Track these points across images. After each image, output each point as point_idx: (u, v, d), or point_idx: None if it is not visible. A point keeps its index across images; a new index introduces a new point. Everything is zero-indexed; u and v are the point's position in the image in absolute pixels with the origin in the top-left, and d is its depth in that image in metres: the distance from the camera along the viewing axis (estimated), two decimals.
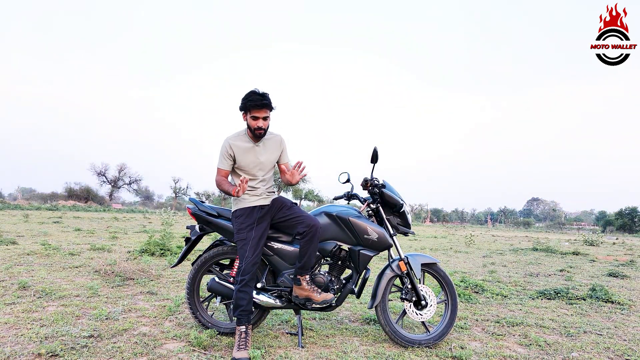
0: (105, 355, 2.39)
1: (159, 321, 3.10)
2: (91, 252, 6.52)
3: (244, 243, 2.65)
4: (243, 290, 2.62)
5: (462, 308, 4.00)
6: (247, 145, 2.74)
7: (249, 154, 2.75)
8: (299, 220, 2.71)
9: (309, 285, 2.76)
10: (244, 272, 2.63)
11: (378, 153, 2.91)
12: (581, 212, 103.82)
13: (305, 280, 2.76)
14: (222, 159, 2.73)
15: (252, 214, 2.72)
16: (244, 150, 2.73)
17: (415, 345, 2.83)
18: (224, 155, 2.72)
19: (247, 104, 2.63)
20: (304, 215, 2.74)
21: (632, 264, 8.38)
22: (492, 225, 73.54)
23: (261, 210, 2.75)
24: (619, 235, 41.40)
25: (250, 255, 2.63)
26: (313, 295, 2.74)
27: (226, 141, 2.74)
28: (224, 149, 2.72)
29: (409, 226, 3.06)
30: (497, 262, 8.15)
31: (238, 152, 2.72)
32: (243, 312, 2.62)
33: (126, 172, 54.41)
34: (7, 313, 3.07)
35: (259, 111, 2.63)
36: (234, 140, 2.74)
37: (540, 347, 2.95)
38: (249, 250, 2.63)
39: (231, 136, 2.77)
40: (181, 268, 5.40)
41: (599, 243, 15.95)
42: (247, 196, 2.76)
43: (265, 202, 2.79)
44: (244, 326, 2.61)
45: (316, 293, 2.74)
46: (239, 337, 2.58)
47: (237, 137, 2.76)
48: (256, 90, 2.65)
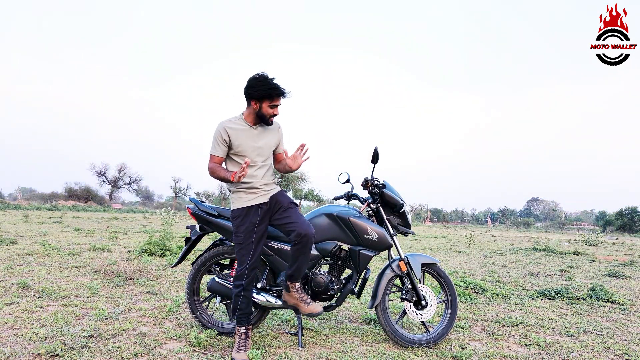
0: (105, 355, 2.39)
1: (159, 321, 3.10)
2: (91, 252, 6.52)
3: (242, 246, 2.58)
4: (241, 295, 2.58)
5: (462, 308, 4.00)
6: (243, 129, 2.59)
7: (247, 137, 2.59)
8: (292, 227, 2.56)
9: (299, 293, 2.67)
10: (243, 276, 2.56)
11: (378, 153, 2.91)
12: (581, 212, 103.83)
13: (295, 288, 2.67)
14: (216, 145, 2.57)
15: (250, 214, 2.60)
16: (241, 134, 2.58)
17: (415, 345, 2.83)
18: (218, 140, 2.56)
19: (269, 91, 2.49)
20: (299, 222, 2.57)
21: (632, 264, 8.38)
22: (492, 225, 73.55)
23: (259, 210, 2.62)
24: (619, 235, 41.39)
25: (248, 260, 2.55)
26: (301, 305, 2.65)
27: (220, 125, 2.57)
28: (218, 133, 2.56)
29: (409, 226, 3.06)
30: (497, 262, 8.15)
31: (234, 135, 2.56)
32: (242, 315, 2.60)
33: (126, 172, 54.49)
34: (7, 313, 3.07)
35: (278, 99, 2.55)
36: (229, 123, 2.58)
37: (540, 347, 2.95)
38: (248, 254, 2.56)
39: (225, 120, 2.61)
40: (181, 268, 5.39)
41: (599, 243, 15.95)
42: (244, 194, 2.63)
43: (264, 199, 2.65)
44: (244, 327, 2.59)
45: (304, 303, 2.64)
46: (239, 338, 2.56)
47: (231, 121, 2.61)
48: (266, 75, 2.51)
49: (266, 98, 2.52)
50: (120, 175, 54.14)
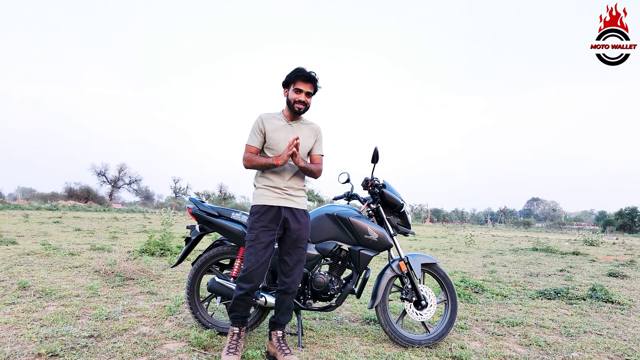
0: (105, 355, 2.39)
1: (159, 321, 3.10)
2: (91, 252, 6.52)
3: (252, 244, 2.44)
4: (242, 299, 2.48)
5: (462, 308, 4.00)
6: (280, 123, 2.57)
7: (282, 132, 2.55)
8: (286, 271, 2.52)
9: (279, 342, 2.53)
10: (246, 279, 2.43)
11: (379, 153, 2.91)
12: (581, 212, 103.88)
13: (277, 337, 2.56)
14: (253, 135, 2.55)
15: (269, 213, 2.48)
16: (277, 127, 2.55)
17: (415, 345, 2.83)
18: (255, 130, 2.54)
19: (292, 75, 2.50)
20: (295, 273, 2.53)
21: (632, 264, 8.38)
22: (492, 225, 73.54)
23: (279, 213, 2.49)
24: (619, 235, 41.41)
25: (254, 261, 2.41)
26: (278, 354, 2.48)
27: (259, 117, 2.58)
28: (256, 124, 2.55)
29: (409, 226, 3.06)
30: (497, 262, 8.15)
31: (270, 128, 2.53)
32: (238, 317, 2.52)
33: (126, 172, 54.55)
34: (7, 313, 3.07)
35: (304, 84, 2.51)
36: (267, 116, 2.58)
37: (540, 347, 2.95)
38: (256, 253, 2.42)
39: (264, 113, 2.60)
40: (181, 268, 5.39)
41: (599, 243, 15.95)
42: (267, 191, 2.52)
43: (287, 203, 2.52)
44: (237, 327, 2.51)
45: (282, 353, 2.47)
46: (231, 338, 2.48)
47: (270, 114, 2.60)
48: (302, 67, 2.54)
49: (291, 83, 2.54)
50: (120, 175, 54.18)
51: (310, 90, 2.54)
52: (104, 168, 52.68)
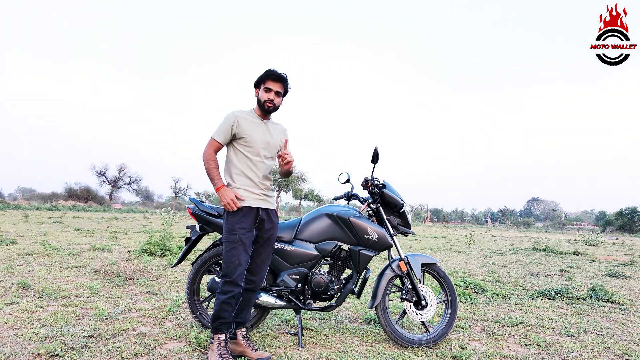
0: (105, 355, 2.39)
1: (159, 321, 3.10)
2: (91, 252, 6.52)
3: (233, 246, 2.40)
4: (228, 302, 2.40)
5: (462, 308, 4.00)
6: (255, 121, 2.57)
7: (258, 129, 2.55)
8: (255, 266, 2.56)
9: (245, 340, 2.56)
10: (234, 283, 2.39)
11: (378, 153, 2.91)
12: (581, 212, 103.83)
13: (242, 334, 2.58)
14: (221, 130, 2.49)
15: (250, 215, 2.46)
16: (252, 125, 2.54)
17: (415, 345, 2.83)
18: (226, 126, 2.49)
19: (263, 75, 2.53)
20: (262, 271, 2.59)
21: (632, 264, 8.38)
22: (492, 225, 73.55)
23: (257, 215, 2.50)
24: (619, 235, 41.41)
25: (238, 262, 2.39)
26: (248, 351, 2.49)
27: (232, 113, 2.52)
28: (228, 120, 2.49)
29: (409, 226, 3.06)
30: (497, 262, 8.15)
31: (245, 125, 2.51)
32: (224, 323, 2.42)
33: (126, 172, 54.53)
34: (7, 313, 3.07)
35: (274, 83, 2.52)
36: (241, 113, 2.54)
37: (540, 347, 2.95)
38: (239, 255, 2.39)
39: (238, 110, 2.56)
40: (181, 268, 5.39)
41: (599, 243, 15.95)
42: (246, 192, 2.49)
43: (264, 204, 2.54)
44: (223, 334, 2.41)
45: (252, 349, 2.50)
46: (219, 346, 2.37)
47: (243, 112, 2.58)
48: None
49: (261, 83, 2.57)
50: (120, 175, 54.17)
51: (280, 90, 2.57)
52: (104, 168, 52.72)
